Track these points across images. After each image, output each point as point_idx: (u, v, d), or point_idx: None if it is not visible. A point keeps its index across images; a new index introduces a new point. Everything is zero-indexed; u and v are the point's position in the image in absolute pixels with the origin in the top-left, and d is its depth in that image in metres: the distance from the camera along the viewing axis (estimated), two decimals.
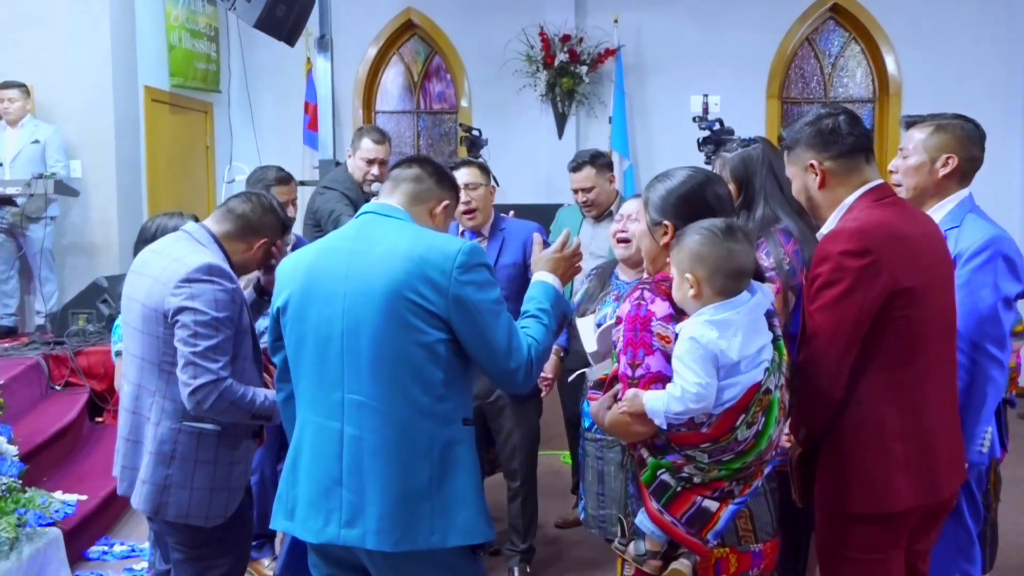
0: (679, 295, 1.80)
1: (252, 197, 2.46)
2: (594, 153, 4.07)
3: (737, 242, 1.78)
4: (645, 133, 7.89)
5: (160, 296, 2.23)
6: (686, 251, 1.78)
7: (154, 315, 2.25)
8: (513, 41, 7.67)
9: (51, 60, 6.11)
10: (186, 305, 2.19)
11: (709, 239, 1.77)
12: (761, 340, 1.77)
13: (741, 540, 1.83)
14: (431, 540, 1.83)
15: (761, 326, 1.79)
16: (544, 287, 2.06)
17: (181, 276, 2.22)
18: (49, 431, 4.38)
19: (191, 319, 2.18)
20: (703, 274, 1.76)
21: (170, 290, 2.22)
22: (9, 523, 3.11)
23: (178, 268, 2.24)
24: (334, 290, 1.89)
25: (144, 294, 2.28)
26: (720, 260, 1.76)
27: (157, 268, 2.29)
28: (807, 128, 2.05)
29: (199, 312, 2.19)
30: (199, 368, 2.17)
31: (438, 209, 2.07)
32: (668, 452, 1.77)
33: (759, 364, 1.76)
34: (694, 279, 1.76)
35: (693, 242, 1.78)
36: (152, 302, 2.25)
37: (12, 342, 5.61)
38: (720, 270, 1.76)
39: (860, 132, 2.03)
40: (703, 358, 1.69)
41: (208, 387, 2.17)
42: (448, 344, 1.86)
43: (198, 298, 2.19)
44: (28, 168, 5.77)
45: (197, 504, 2.24)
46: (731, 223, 1.83)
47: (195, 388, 2.17)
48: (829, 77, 8.15)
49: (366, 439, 1.85)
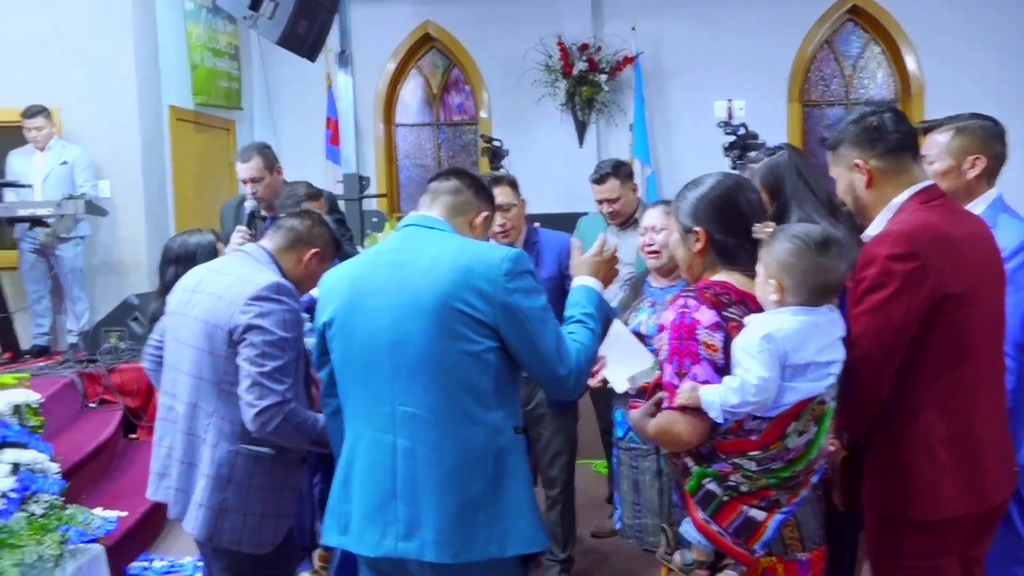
0: (760, 294, 1.79)
1: (302, 214, 2.49)
2: (616, 163, 4.08)
3: (829, 257, 1.75)
4: (666, 139, 7.89)
5: (227, 313, 2.19)
6: (775, 256, 1.76)
7: (219, 332, 2.20)
8: (531, 51, 7.71)
9: (77, 82, 6.21)
10: (255, 324, 2.15)
11: (801, 250, 1.74)
12: (834, 354, 1.76)
13: (788, 549, 1.82)
14: (488, 550, 1.84)
15: (836, 341, 1.78)
16: (587, 291, 2.07)
17: (250, 294, 2.19)
18: (86, 448, 4.44)
19: (260, 338, 2.15)
20: (788, 284, 1.74)
21: (239, 307, 2.18)
22: (54, 540, 3.15)
23: (246, 286, 2.21)
24: (380, 303, 1.91)
25: (206, 311, 2.24)
26: (807, 274, 1.73)
27: (220, 286, 2.26)
28: (851, 126, 2.03)
29: (267, 332, 2.15)
30: (265, 389, 2.13)
31: (477, 220, 2.09)
32: (714, 460, 1.77)
33: (825, 377, 1.75)
34: (778, 285, 1.75)
35: (784, 250, 1.75)
36: (216, 319, 2.21)
37: (46, 361, 5.69)
38: (805, 283, 1.74)
39: (906, 129, 2.00)
40: (771, 352, 1.68)
41: (273, 409, 2.13)
42: (497, 353, 1.87)
43: (267, 317, 2.16)
44: (58, 189, 5.86)
45: (251, 530, 2.21)
46: (829, 235, 1.79)
47: (261, 409, 2.12)
48: (850, 79, 8.12)
49: (420, 451, 1.86)
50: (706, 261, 1.90)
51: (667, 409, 1.78)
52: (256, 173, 3.98)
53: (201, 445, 2.23)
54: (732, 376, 1.72)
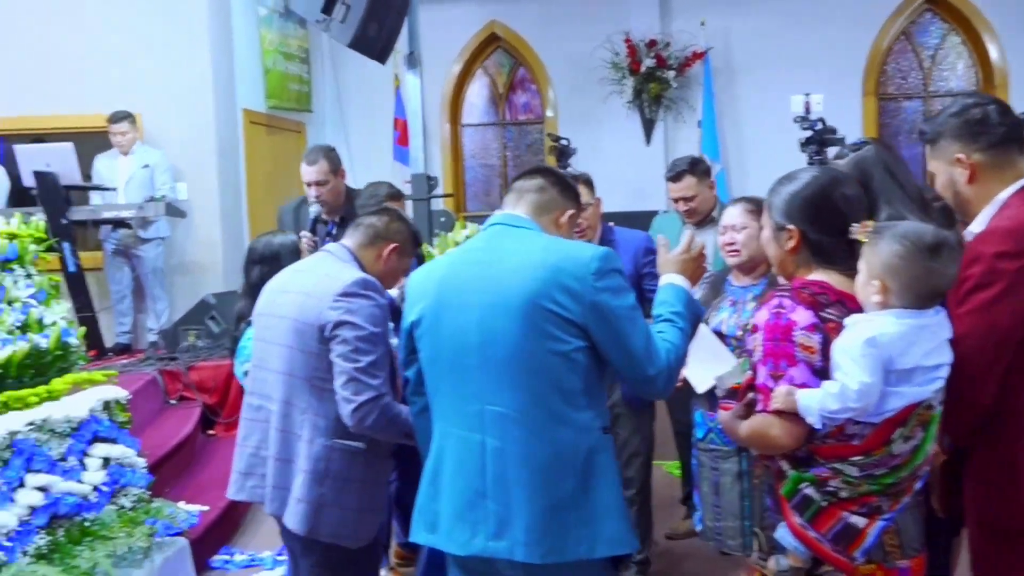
0: (862, 294, 1.73)
1: (379, 211, 2.51)
2: (692, 160, 4.01)
3: (939, 261, 1.67)
4: (735, 136, 7.77)
5: (316, 310, 2.21)
6: (881, 258, 1.69)
7: (309, 329, 2.22)
8: (598, 49, 7.67)
9: (158, 88, 6.40)
10: (345, 319, 2.17)
11: (911, 253, 1.67)
12: (941, 357, 1.70)
13: (888, 556, 1.76)
14: (578, 551, 1.83)
15: (943, 344, 1.72)
16: (675, 290, 2.04)
17: (337, 290, 2.21)
18: (169, 444, 4.57)
19: (352, 334, 2.16)
20: (893, 286, 1.68)
21: (328, 303, 2.20)
22: (143, 532, 3.25)
23: (332, 283, 2.23)
24: (468, 301, 1.91)
25: (297, 309, 2.26)
26: (915, 279, 1.67)
27: (308, 284, 2.29)
28: (952, 119, 1.95)
29: (358, 327, 2.17)
30: (361, 384, 2.15)
31: (563, 219, 2.07)
32: (811, 465, 1.72)
33: (933, 381, 1.69)
34: (882, 287, 1.68)
35: (891, 252, 1.68)
36: (307, 316, 2.23)
37: (129, 358, 5.88)
38: (913, 288, 1.67)
39: (1012, 121, 1.92)
40: (875, 357, 1.62)
41: (370, 404, 2.15)
42: (586, 352, 1.86)
43: (356, 313, 2.18)
44: (139, 192, 6.06)
45: (349, 524, 2.24)
46: (941, 238, 1.70)
47: (359, 405, 2.14)
48: (928, 71, 7.87)
49: (509, 450, 1.85)
50: (799, 259, 1.85)
51: (762, 412, 1.74)
52: (321, 176, 3.93)
53: (297, 441, 2.26)
54: (832, 381, 1.66)
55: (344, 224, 3.81)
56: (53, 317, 3.55)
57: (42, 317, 3.48)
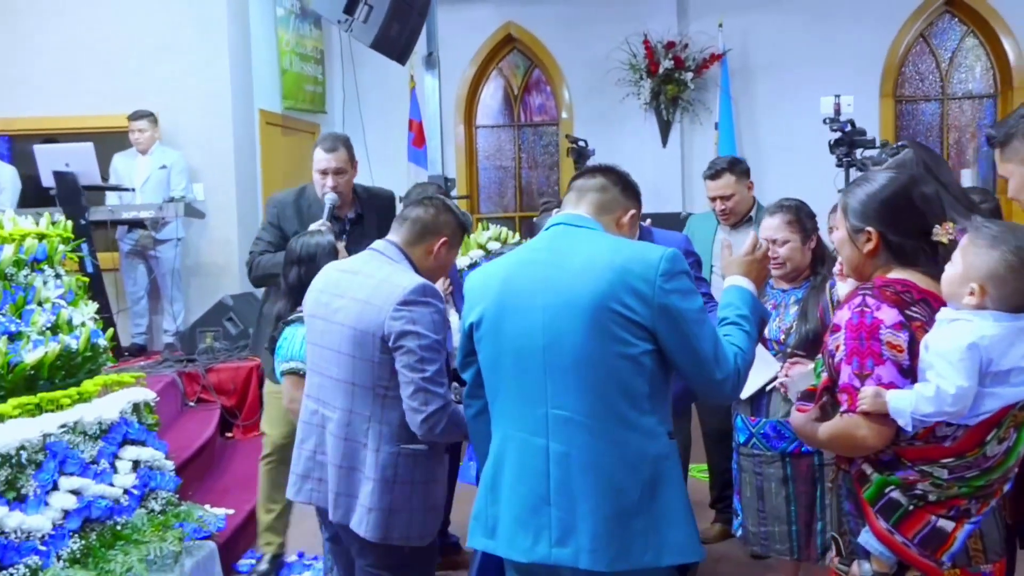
0: (952, 291, 1.68)
1: (425, 201, 2.44)
2: (732, 160, 3.97)
3: None
4: (752, 138, 7.74)
5: (377, 320, 2.18)
6: (988, 264, 1.64)
7: (371, 339, 2.19)
8: (615, 50, 7.64)
9: (176, 88, 6.37)
10: (409, 329, 2.14)
11: (1016, 266, 1.62)
12: None
13: (972, 561, 1.72)
14: (644, 558, 1.78)
15: None
16: (741, 292, 1.99)
17: (398, 299, 2.17)
18: (192, 447, 4.52)
19: (415, 344, 2.14)
20: (994, 293, 1.63)
21: (389, 313, 2.16)
22: (175, 536, 3.20)
23: (392, 290, 2.19)
24: (532, 303, 1.86)
25: (355, 318, 2.22)
26: (1018, 292, 1.63)
27: (364, 290, 2.24)
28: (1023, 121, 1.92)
29: (422, 336, 2.14)
30: (430, 394, 2.13)
31: (625, 219, 2.03)
32: (897, 468, 1.68)
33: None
34: (980, 290, 1.64)
35: (1001, 261, 1.63)
36: (366, 326, 2.20)
37: (146, 360, 5.83)
38: (1012, 298, 1.64)
39: None
40: (974, 360, 1.59)
41: (439, 413, 2.14)
42: (653, 355, 1.81)
43: (419, 322, 2.15)
44: (157, 192, 6.02)
45: (418, 525, 2.23)
46: None
47: (428, 415, 2.14)
48: (946, 73, 7.83)
49: (574, 455, 1.81)
50: (877, 261, 1.80)
51: (847, 413, 1.70)
52: (342, 164, 3.59)
53: (362, 450, 2.24)
54: (925, 383, 1.62)
55: (360, 221, 3.70)
56: (82, 318, 3.51)
57: (71, 318, 3.44)
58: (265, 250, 3.64)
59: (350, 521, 2.24)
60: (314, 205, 3.64)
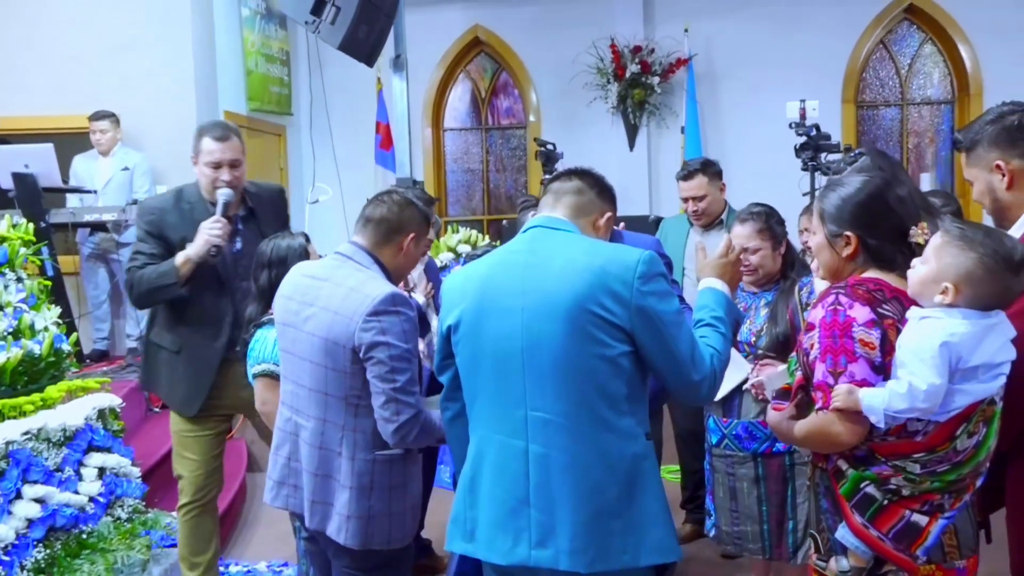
0: (922, 290, 1.69)
1: (384, 197, 2.39)
2: (705, 161, 4.01)
3: (1020, 278, 1.65)
4: (718, 141, 7.82)
5: (347, 331, 2.15)
6: (964, 263, 1.65)
7: (342, 350, 2.17)
8: (582, 54, 7.68)
9: (138, 89, 6.26)
10: (379, 340, 2.12)
11: (993, 268, 1.64)
12: (1007, 354, 1.69)
13: (947, 556, 1.75)
14: (624, 559, 1.79)
15: (1007, 342, 1.70)
16: (715, 294, 2.01)
17: (368, 309, 2.14)
18: (158, 453, 4.44)
19: (386, 355, 2.12)
20: (968, 293, 1.66)
21: (359, 324, 2.13)
22: (142, 544, 3.15)
23: (362, 300, 2.16)
24: (511, 305, 1.86)
25: (326, 328, 2.20)
26: (991, 295, 1.66)
27: (334, 300, 2.21)
28: (989, 127, 1.96)
29: (392, 346, 2.12)
30: (401, 404, 2.13)
31: (601, 221, 2.04)
32: (872, 463, 1.70)
33: (997, 377, 1.67)
34: (953, 289, 1.66)
35: (977, 263, 1.65)
36: (337, 337, 2.17)
37: (108, 365, 5.72)
38: (984, 299, 1.66)
39: None
40: (944, 358, 1.61)
41: (411, 422, 2.14)
42: (630, 357, 1.82)
43: (389, 332, 2.13)
44: (119, 195, 5.90)
45: (397, 527, 2.22)
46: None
47: (400, 425, 2.13)
48: (906, 79, 8.00)
49: (554, 457, 1.81)
50: (855, 265, 1.82)
51: (822, 410, 1.72)
52: (238, 154, 3.14)
53: (336, 458, 2.22)
54: (897, 380, 1.64)
55: (252, 218, 3.25)
56: (44, 322, 3.44)
57: (33, 322, 3.37)
58: (147, 263, 3.15)
59: (327, 528, 2.22)
60: (197, 207, 3.14)
